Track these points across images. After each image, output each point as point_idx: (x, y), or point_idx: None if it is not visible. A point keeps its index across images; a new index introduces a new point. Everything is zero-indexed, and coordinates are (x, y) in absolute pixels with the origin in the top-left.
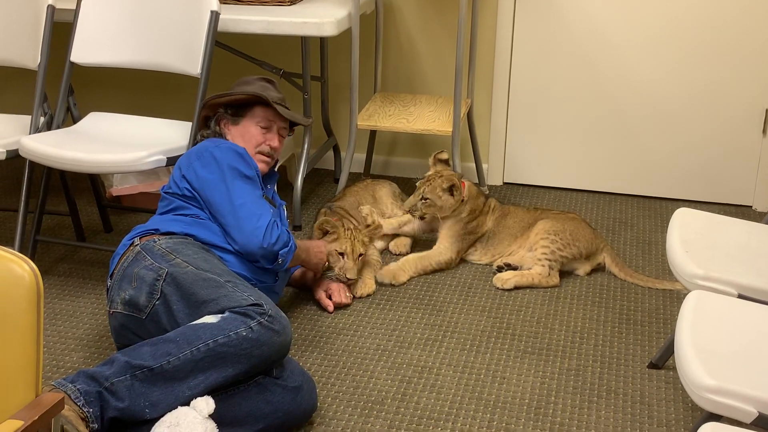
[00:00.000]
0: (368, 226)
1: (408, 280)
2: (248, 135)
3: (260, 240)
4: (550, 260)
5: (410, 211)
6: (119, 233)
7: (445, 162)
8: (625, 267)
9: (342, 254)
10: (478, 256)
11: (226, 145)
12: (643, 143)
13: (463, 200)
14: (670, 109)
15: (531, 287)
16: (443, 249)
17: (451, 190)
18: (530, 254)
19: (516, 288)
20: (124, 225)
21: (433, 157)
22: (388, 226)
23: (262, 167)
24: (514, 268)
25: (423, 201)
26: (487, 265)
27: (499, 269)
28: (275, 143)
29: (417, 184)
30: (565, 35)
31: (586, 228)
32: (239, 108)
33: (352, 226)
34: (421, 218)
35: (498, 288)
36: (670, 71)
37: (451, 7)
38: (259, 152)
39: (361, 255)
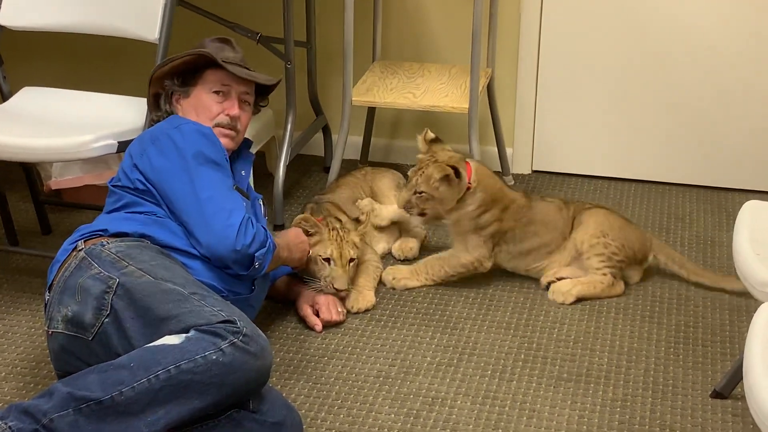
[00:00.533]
0: (358, 221)
1: (418, 287)
2: (201, 106)
3: (232, 241)
4: (610, 267)
5: (405, 209)
6: (60, 235)
7: (438, 141)
8: (688, 262)
9: (328, 260)
10: (500, 259)
11: (188, 125)
12: (704, 122)
13: (468, 188)
14: (738, 81)
15: (595, 298)
16: (457, 251)
17: (447, 179)
18: (574, 267)
19: (578, 301)
20: (66, 225)
21: (422, 139)
22: (387, 214)
23: (224, 143)
24: None
25: (418, 195)
26: (510, 271)
27: (550, 284)
28: (234, 111)
29: (409, 173)
30: None
31: (629, 223)
32: (187, 76)
33: (338, 225)
34: (421, 215)
35: (560, 303)
36: (739, 35)
37: None
38: (217, 125)
39: (352, 260)
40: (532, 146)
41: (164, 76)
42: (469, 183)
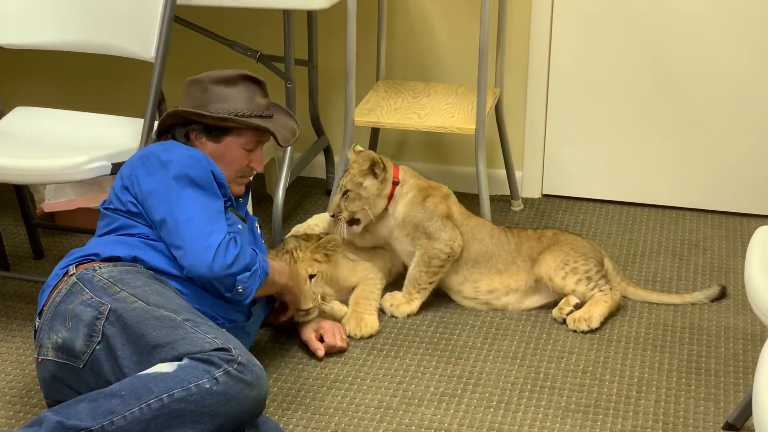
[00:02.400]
0: (319, 238)
1: (419, 306)
2: (230, 157)
3: (209, 262)
4: (596, 282)
5: (335, 215)
6: (52, 260)
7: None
8: (626, 279)
9: None
10: (450, 281)
11: (179, 148)
12: (719, 146)
13: (396, 182)
14: (754, 102)
15: (611, 315)
16: (423, 246)
17: (372, 169)
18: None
19: (602, 323)
20: (58, 249)
21: (351, 151)
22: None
23: (239, 191)
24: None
25: (345, 196)
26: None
27: (567, 315)
28: (261, 167)
29: (339, 182)
30: (620, 7)
31: (575, 236)
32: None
33: (294, 245)
34: (351, 223)
35: (584, 331)
36: (755, 54)
37: None
38: (241, 176)
39: (312, 276)
40: (542, 169)
41: (197, 118)
42: (396, 178)
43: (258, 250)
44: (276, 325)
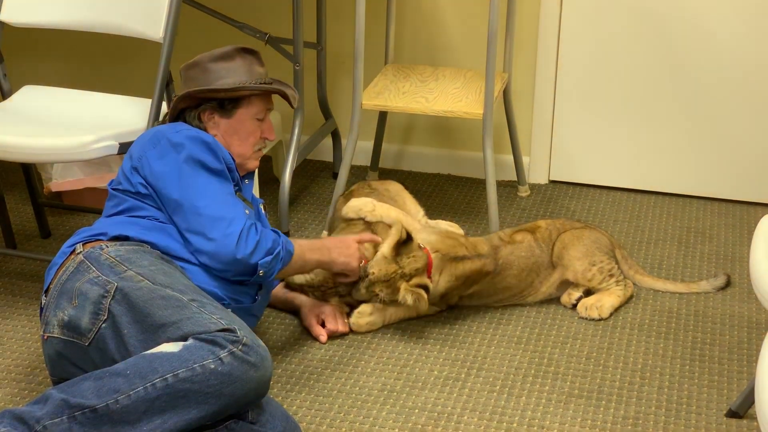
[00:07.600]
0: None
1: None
2: (244, 130)
3: (232, 250)
4: (615, 278)
5: (358, 296)
6: (59, 239)
7: (409, 240)
8: (636, 266)
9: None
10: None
11: (190, 131)
12: (727, 134)
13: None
14: (762, 91)
15: (620, 306)
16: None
17: (417, 299)
18: (563, 291)
19: (612, 313)
20: (65, 229)
21: (394, 242)
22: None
23: (255, 165)
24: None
25: (375, 296)
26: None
27: (577, 300)
28: (273, 135)
29: (369, 272)
30: None
31: (591, 230)
32: (232, 98)
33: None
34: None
35: (594, 319)
36: (764, 43)
37: None
38: (257, 149)
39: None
40: (550, 155)
41: (209, 95)
42: (429, 277)
43: None
44: (281, 308)
